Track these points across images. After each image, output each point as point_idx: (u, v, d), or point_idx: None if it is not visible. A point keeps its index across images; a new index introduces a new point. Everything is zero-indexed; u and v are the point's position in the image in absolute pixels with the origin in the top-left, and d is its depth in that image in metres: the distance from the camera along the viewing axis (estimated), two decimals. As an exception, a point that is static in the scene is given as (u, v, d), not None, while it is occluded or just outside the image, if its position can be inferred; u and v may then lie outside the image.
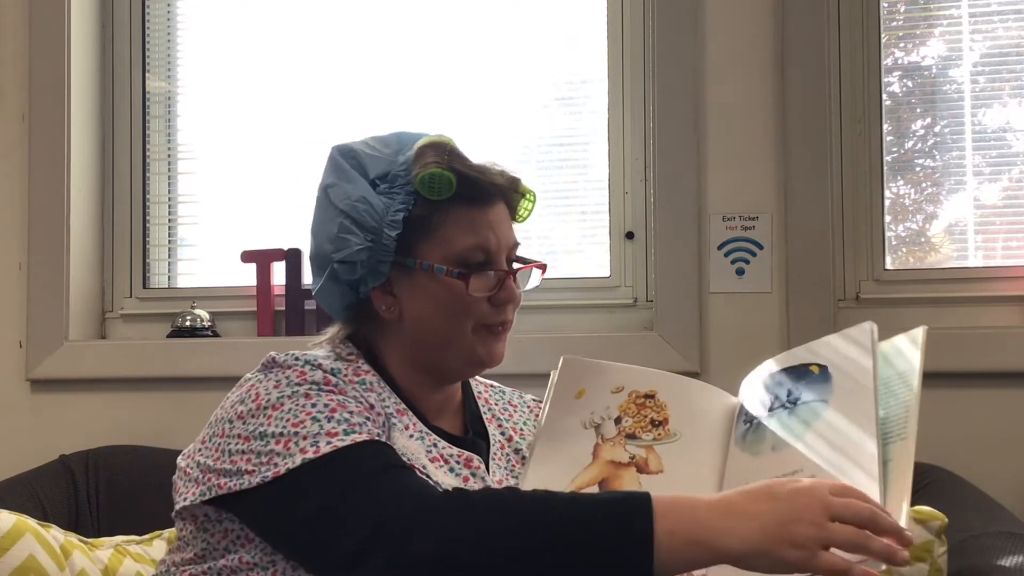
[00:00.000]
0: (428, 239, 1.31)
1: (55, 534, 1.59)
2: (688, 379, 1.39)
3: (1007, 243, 2.29)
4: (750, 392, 1.30)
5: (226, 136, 2.60)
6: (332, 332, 1.40)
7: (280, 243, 2.44)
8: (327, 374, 1.25)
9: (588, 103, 2.46)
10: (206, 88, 2.62)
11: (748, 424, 1.25)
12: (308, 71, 2.55)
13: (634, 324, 2.35)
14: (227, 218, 2.59)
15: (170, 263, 2.64)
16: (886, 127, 2.30)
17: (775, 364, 1.30)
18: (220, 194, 2.60)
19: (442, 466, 1.28)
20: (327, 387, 1.23)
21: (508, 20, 2.49)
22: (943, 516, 1.47)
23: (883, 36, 2.30)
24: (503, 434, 1.43)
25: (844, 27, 2.28)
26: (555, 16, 2.47)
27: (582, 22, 2.46)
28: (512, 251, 1.37)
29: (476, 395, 1.47)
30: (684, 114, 2.28)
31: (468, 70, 2.49)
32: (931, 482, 1.91)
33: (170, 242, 2.64)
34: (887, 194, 2.30)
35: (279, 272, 2.44)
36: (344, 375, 1.28)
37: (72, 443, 2.29)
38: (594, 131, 2.44)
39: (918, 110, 2.34)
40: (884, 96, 2.29)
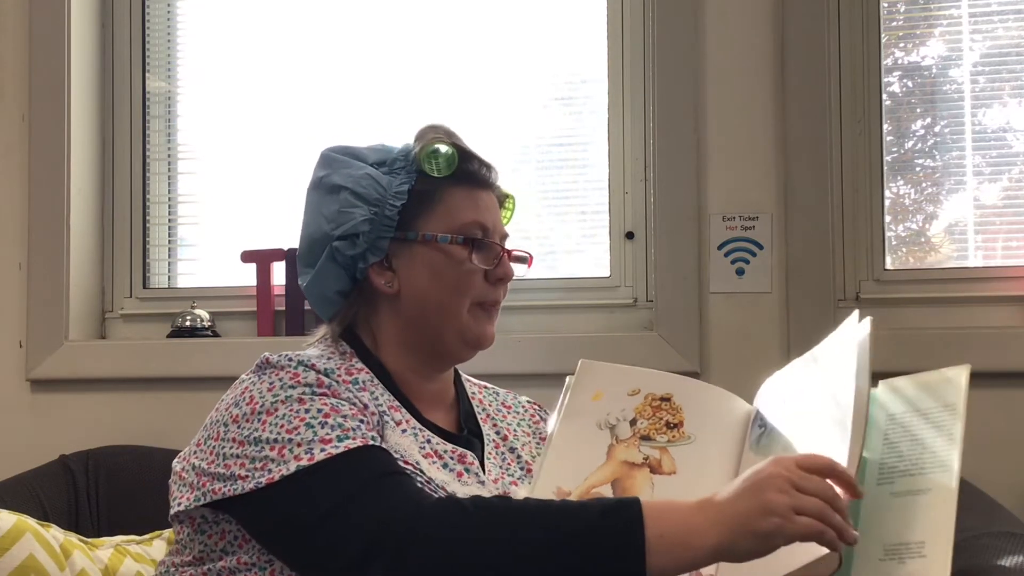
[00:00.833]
0: (429, 213, 1.35)
1: (55, 534, 1.59)
2: (704, 384, 1.40)
3: (1007, 243, 2.29)
4: (766, 398, 1.31)
5: (226, 136, 2.60)
6: (324, 331, 1.41)
7: (280, 243, 2.44)
8: (320, 375, 1.25)
9: (588, 103, 2.46)
10: (206, 88, 2.62)
11: (763, 429, 1.26)
12: (308, 71, 2.55)
13: (634, 324, 2.35)
14: (227, 218, 2.59)
15: (170, 263, 2.64)
16: (886, 127, 2.30)
17: (791, 370, 1.30)
18: (220, 194, 2.60)
19: (435, 462, 1.29)
20: (320, 390, 1.23)
21: (508, 20, 2.49)
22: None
23: (883, 36, 2.30)
24: (498, 433, 1.43)
25: (844, 27, 2.28)
26: (555, 16, 2.47)
27: (582, 22, 2.45)
28: (503, 239, 1.41)
29: (470, 396, 1.48)
30: (684, 114, 2.27)
31: (468, 70, 2.49)
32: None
33: (170, 242, 2.64)
34: (887, 194, 2.30)
35: (279, 272, 2.44)
36: (337, 375, 1.28)
37: (72, 443, 2.29)
38: (594, 131, 2.44)
39: (918, 110, 2.34)
40: (884, 96, 2.29)
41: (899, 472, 1.15)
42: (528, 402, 1.53)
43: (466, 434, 1.40)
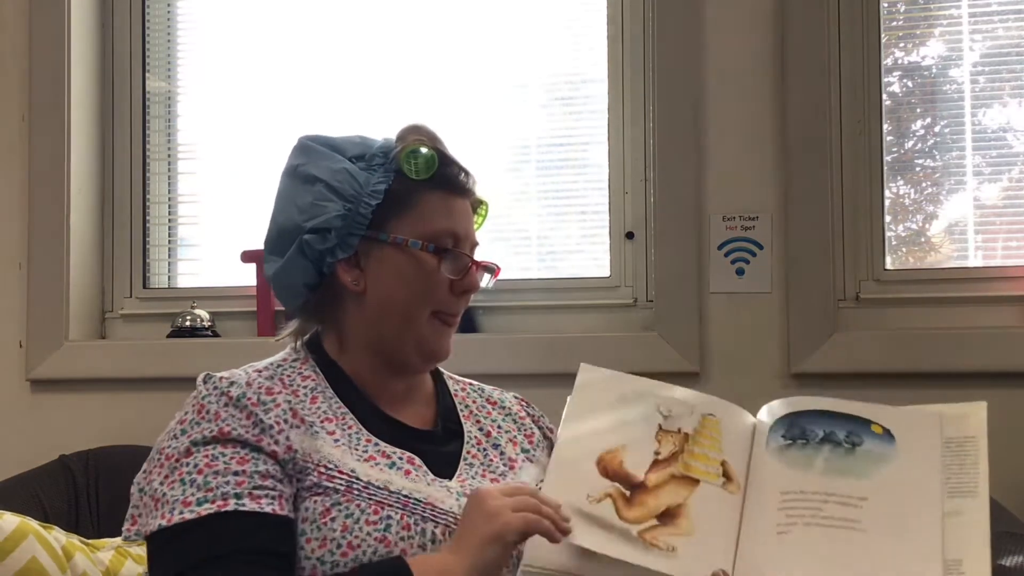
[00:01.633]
0: (402, 216, 1.34)
1: (57, 536, 1.59)
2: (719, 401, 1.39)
3: (1007, 243, 2.29)
4: (791, 415, 1.34)
5: (226, 136, 2.61)
6: (292, 328, 1.42)
7: (280, 243, 2.43)
8: (228, 407, 1.26)
9: (588, 103, 2.46)
10: (206, 88, 2.62)
11: (791, 441, 1.30)
12: (308, 70, 2.55)
13: (634, 324, 2.35)
14: (227, 218, 2.59)
15: (170, 263, 2.64)
16: (886, 127, 2.30)
17: (825, 404, 1.35)
18: (220, 194, 2.61)
19: (379, 463, 1.28)
20: (209, 435, 1.24)
21: (508, 20, 2.49)
22: None
23: (883, 36, 2.30)
24: (481, 430, 1.43)
25: (844, 27, 2.28)
26: (555, 16, 2.47)
27: (582, 22, 2.46)
28: (473, 249, 1.40)
29: (452, 393, 1.48)
30: (684, 114, 2.28)
31: (468, 70, 2.49)
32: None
33: (170, 242, 2.64)
34: (887, 194, 2.30)
35: (279, 272, 2.44)
36: (259, 391, 1.28)
37: (72, 443, 2.29)
38: (594, 131, 2.44)
39: (918, 110, 2.34)
40: (884, 96, 2.30)
41: None
42: (515, 398, 1.53)
43: (439, 429, 1.40)
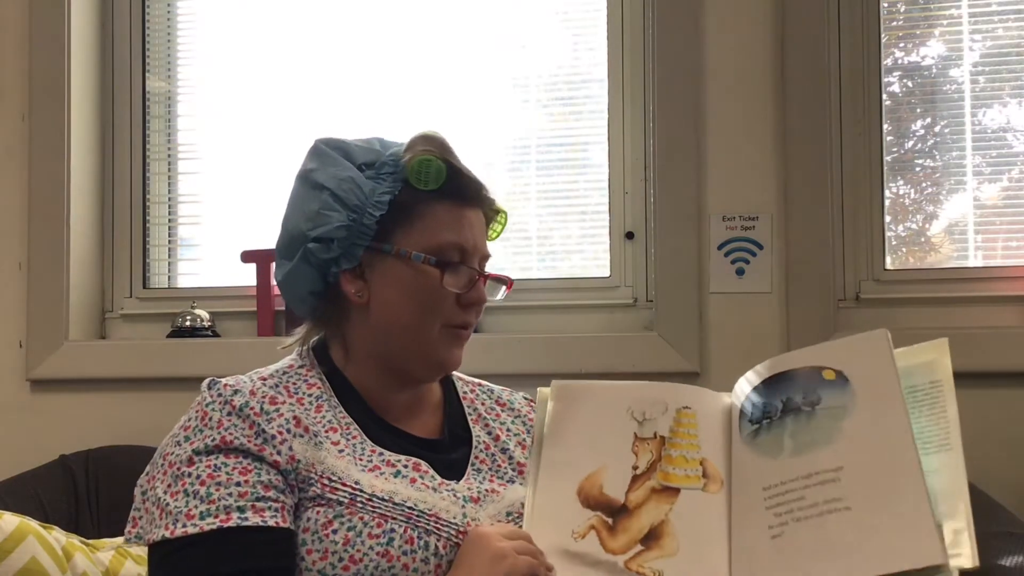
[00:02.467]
0: (408, 227, 1.32)
1: (57, 536, 1.59)
2: (691, 388, 1.33)
3: (1007, 243, 2.29)
4: (751, 392, 1.27)
5: (226, 136, 2.60)
6: (301, 334, 1.41)
7: (280, 243, 2.43)
8: (231, 416, 1.25)
9: (588, 103, 2.46)
10: (206, 88, 2.62)
11: (757, 424, 1.23)
12: (308, 70, 2.55)
13: (634, 324, 2.35)
14: (227, 218, 2.59)
15: (170, 263, 2.64)
16: (886, 127, 2.30)
17: (777, 365, 1.27)
18: (220, 194, 2.60)
19: (383, 472, 1.26)
20: (212, 448, 1.23)
21: (508, 20, 2.49)
22: None
23: (883, 36, 2.30)
24: (489, 434, 1.41)
25: (844, 27, 2.28)
26: (555, 16, 2.47)
27: (582, 22, 2.46)
28: (483, 261, 1.37)
29: (461, 395, 1.46)
30: (684, 114, 2.28)
31: (468, 70, 2.49)
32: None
33: (170, 242, 2.64)
34: (887, 194, 2.30)
35: (279, 272, 2.44)
36: (262, 401, 1.26)
37: (72, 443, 2.29)
38: (594, 131, 2.44)
39: (918, 110, 2.34)
40: (884, 96, 2.30)
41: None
42: (524, 398, 1.52)
43: (446, 437, 1.38)
